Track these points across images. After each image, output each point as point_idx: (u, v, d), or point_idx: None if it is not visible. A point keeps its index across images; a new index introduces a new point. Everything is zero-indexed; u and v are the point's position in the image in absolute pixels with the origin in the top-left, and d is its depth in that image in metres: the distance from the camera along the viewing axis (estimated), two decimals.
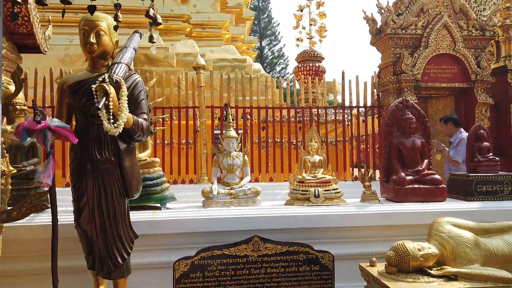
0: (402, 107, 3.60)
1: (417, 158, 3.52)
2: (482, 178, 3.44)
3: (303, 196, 3.25)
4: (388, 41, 5.62)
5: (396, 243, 2.68)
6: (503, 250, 2.67)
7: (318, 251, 2.79)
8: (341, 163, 5.66)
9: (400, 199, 3.37)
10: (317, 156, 3.46)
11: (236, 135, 3.38)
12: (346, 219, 3.12)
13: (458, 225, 2.82)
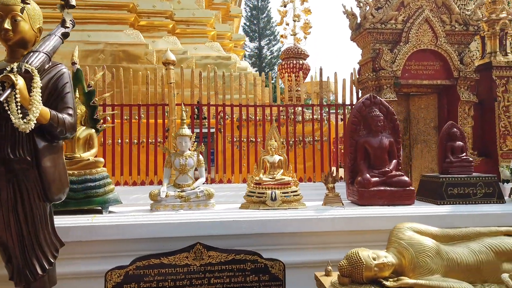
0: (370, 104, 3.38)
1: (385, 158, 3.30)
2: (453, 180, 3.22)
3: (259, 199, 3.03)
4: (367, 36, 5.38)
5: (350, 251, 2.46)
6: (467, 260, 2.45)
7: (267, 259, 2.57)
8: (318, 163, 5.43)
9: (364, 202, 3.14)
10: (276, 156, 3.23)
11: (189, 133, 3.16)
12: (303, 224, 2.90)
13: (420, 232, 2.59)
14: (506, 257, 2.49)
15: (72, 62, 3.07)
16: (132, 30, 8.37)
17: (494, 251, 2.48)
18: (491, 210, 3.09)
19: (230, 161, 5.22)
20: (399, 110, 5.70)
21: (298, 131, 5.63)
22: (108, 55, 7.91)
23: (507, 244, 2.50)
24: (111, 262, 2.52)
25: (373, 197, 3.14)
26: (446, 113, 5.58)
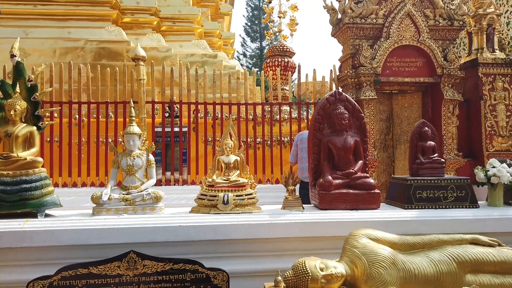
0: (334, 101, 3.15)
1: (349, 159, 3.07)
2: (422, 182, 2.99)
3: (210, 203, 2.81)
4: (347, 31, 5.17)
5: (297, 261, 2.24)
6: (425, 271, 2.22)
7: (210, 268, 2.35)
8: None
9: (325, 206, 2.92)
10: (233, 156, 3.01)
11: (138, 131, 2.94)
12: (255, 229, 2.67)
13: (377, 239, 2.37)
14: (470, 268, 2.26)
15: (11, 54, 2.86)
16: (114, 27, 8.18)
17: (457, 261, 2.26)
18: (462, 216, 2.86)
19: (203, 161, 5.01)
20: (381, 109, 5.49)
21: (276, 130, 5.43)
22: (88, 52, 7.72)
23: (471, 254, 2.28)
24: (39, 271, 2.31)
25: (334, 201, 2.91)
26: (430, 112, 5.37)
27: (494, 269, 2.27)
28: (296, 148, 4.49)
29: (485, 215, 2.88)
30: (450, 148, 5.06)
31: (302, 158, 4.41)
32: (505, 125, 5.17)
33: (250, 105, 5.20)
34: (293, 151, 4.54)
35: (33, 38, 7.75)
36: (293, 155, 4.55)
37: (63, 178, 4.64)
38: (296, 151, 4.49)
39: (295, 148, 4.52)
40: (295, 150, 4.51)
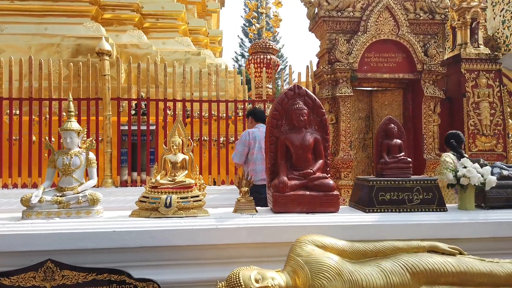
0: (293, 95, 2.92)
1: (308, 158, 2.84)
2: (385, 183, 2.75)
3: (151, 206, 2.57)
4: (323, 25, 4.93)
5: (232, 271, 2.01)
6: (374, 282, 1.99)
7: (139, 279, 2.13)
8: None
9: (279, 209, 2.68)
10: (180, 154, 2.78)
11: (77, 127, 2.71)
12: (199, 235, 2.44)
13: (324, 246, 2.14)
14: (425, 279, 2.03)
15: None
16: (92, 23, 7.96)
17: (411, 271, 2.03)
18: (427, 220, 2.63)
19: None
20: (360, 107, 5.26)
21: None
22: (64, 48, 7.49)
23: (427, 263, 2.05)
24: None
25: (289, 203, 2.68)
26: (411, 110, 5.13)
27: (452, 281, 2.05)
28: (248, 148, 4.19)
29: (453, 219, 2.64)
30: (431, 148, 4.83)
31: (257, 159, 4.17)
32: (489, 123, 4.94)
33: (222, 102, 4.98)
34: (242, 150, 4.20)
35: (8, 34, 7.53)
36: (242, 155, 4.20)
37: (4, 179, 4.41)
38: (247, 151, 4.19)
39: (244, 148, 4.18)
40: (245, 150, 4.18)
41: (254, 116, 4.35)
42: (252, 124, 4.36)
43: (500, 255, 2.52)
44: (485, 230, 2.62)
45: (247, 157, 4.19)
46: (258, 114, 4.41)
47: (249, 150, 4.19)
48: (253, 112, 4.41)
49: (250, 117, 4.42)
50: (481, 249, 2.63)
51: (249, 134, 4.22)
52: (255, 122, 4.37)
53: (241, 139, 4.18)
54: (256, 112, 4.42)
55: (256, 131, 4.30)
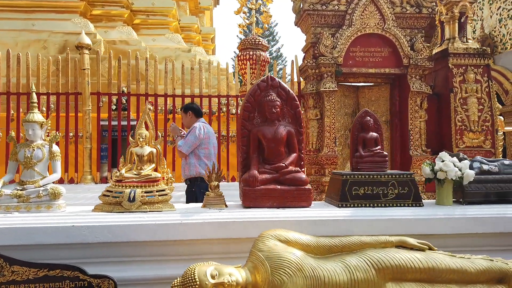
0: (266, 87, 2.82)
1: (281, 151, 2.74)
2: (359, 178, 2.66)
3: (115, 200, 2.48)
4: (307, 19, 4.84)
5: (189, 267, 1.92)
6: (337, 278, 1.89)
7: (93, 275, 2.03)
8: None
9: (249, 203, 2.59)
10: (147, 147, 2.69)
11: (39, 118, 2.62)
12: (162, 230, 2.34)
13: (287, 241, 2.05)
14: (391, 275, 1.94)
15: None
16: (81, 19, 7.87)
17: (376, 267, 1.93)
18: (401, 215, 2.53)
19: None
20: (346, 103, 5.17)
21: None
22: (51, 44, 7.41)
23: (394, 259, 1.95)
24: None
25: (259, 198, 2.58)
26: (397, 106, 5.04)
27: (420, 277, 1.95)
28: (199, 142, 4.03)
29: (428, 214, 2.55)
30: (417, 144, 4.74)
31: (210, 155, 4.09)
32: (477, 119, 4.85)
33: (204, 97, 4.88)
34: (194, 143, 4.02)
35: None
36: (191, 147, 4.01)
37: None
38: (197, 145, 4.03)
39: (196, 141, 4.02)
40: (196, 143, 4.02)
41: (194, 110, 4.21)
42: (192, 119, 4.19)
43: (477, 251, 2.43)
44: (461, 226, 2.53)
45: (199, 151, 4.06)
46: (197, 109, 4.29)
47: (201, 145, 4.07)
48: (192, 107, 4.25)
49: (189, 112, 4.24)
50: (457, 246, 2.54)
51: (203, 129, 4.11)
52: (196, 117, 4.22)
53: (195, 132, 4.04)
54: (195, 107, 4.29)
55: (209, 127, 4.24)
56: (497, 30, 13.12)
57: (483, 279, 2.01)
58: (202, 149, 4.08)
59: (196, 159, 4.07)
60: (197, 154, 4.06)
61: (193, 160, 4.04)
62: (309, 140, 4.85)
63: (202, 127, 4.11)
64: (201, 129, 4.07)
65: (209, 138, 4.13)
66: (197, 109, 4.28)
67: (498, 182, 2.78)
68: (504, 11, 12.94)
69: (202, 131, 4.07)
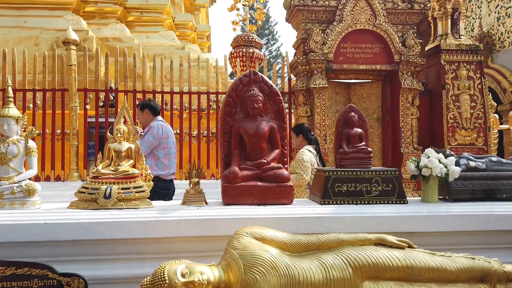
0: (248, 82, 2.76)
1: (263, 147, 2.68)
2: (342, 174, 2.60)
3: (91, 197, 2.42)
4: (298, 15, 4.78)
5: (160, 265, 1.87)
6: (313, 277, 1.83)
7: (63, 274, 1.97)
8: None
9: (229, 200, 2.54)
10: (126, 143, 2.63)
11: (15, 113, 2.55)
12: (138, 227, 2.28)
13: (263, 239, 1.99)
14: (368, 273, 1.88)
15: None
16: (73, 16, 7.81)
17: (353, 265, 1.88)
18: (384, 212, 2.47)
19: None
20: (337, 100, 5.11)
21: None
22: (43, 41, 7.34)
23: (371, 257, 1.90)
24: None
25: (239, 195, 2.52)
26: (389, 103, 4.98)
27: (398, 276, 1.90)
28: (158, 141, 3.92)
29: (412, 212, 2.49)
30: (409, 141, 4.68)
31: (170, 153, 3.98)
32: (469, 116, 4.78)
33: (194, 94, 4.83)
34: (152, 143, 3.90)
35: None
36: (149, 147, 3.89)
37: None
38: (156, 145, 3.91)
39: (155, 141, 3.91)
40: (155, 143, 3.90)
41: (151, 108, 4.05)
42: (149, 117, 4.05)
43: (461, 250, 2.37)
44: (445, 224, 2.47)
45: (158, 152, 3.94)
46: (155, 106, 4.12)
47: (160, 145, 3.95)
48: (148, 104, 4.08)
49: (146, 110, 4.07)
50: (441, 244, 2.48)
51: (162, 128, 4.00)
52: (153, 115, 4.08)
53: (153, 132, 3.92)
54: (153, 104, 4.12)
55: (167, 125, 4.11)
56: (495, 28, 13.05)
57: (464, 278, 1.95)
58: (161, 149, 3.95)
59: (155, 159, 3.94)
60: (155, 155, 3.93)
61: (151, 161, 3.92)
62: None
63: (160, 126, 3.97)
64: (159, 129, 3.95)
65: (168, 137, 4.00)
66: (154, 107, 4.11)
67: (485, 179, 2.72)
68: (503, 9, 12.86)
69: (160, 131, 3.95)
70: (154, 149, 3.93)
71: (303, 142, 3.95)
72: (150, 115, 4.05)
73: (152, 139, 3.89)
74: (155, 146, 3.93)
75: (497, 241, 2.52)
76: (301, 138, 3.95)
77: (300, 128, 4.00)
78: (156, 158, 3.96)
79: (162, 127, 4.00)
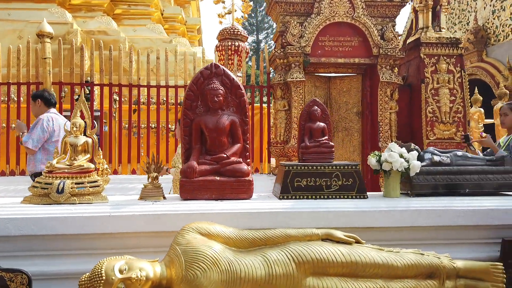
0: (209, 75, 2.72)
1: (223, 141, 2.65)
2: (301, 169, 2.57)
3: (44, 191, 2.39)
4: (276, 7, 4.73)
5: (100, 261, 1.84)
6: (255, 273, 1.81)
7: (5, 270, 1.95)
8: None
9: (186, 195, 2.51)
10: (82, 137, 2.59)
11: None
12: (90, 223, 2.26)
13: (209, 234, 1.97)
14: (312, 269, 1.86)
15: None
16: (58, 9, 7.74)
17: (296, 261, 1.85)
18: (342, 207, 2.44)
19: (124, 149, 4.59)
20: (317, 94, 5.07)
21: None
22: (27, 34, 7.25)
23: (315, 253, 1.87)
24: None
25: (197, 190, 2.50)
26: (369, 97, 4.94)
27: (342, 271, 1.87)
28: (48, 134, 3.77)
29: (371, 206, 2.46)
30: (387, 136, 4.65)
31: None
32: (448, 110, 4.74)
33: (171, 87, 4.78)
34: (42, 136, 3.74)
35: None
36: (40, 141, 3.73)
37: None
38: (46, 138, 3.76)
39: (45, 134, 3.75)
40: (45, 136, 3.74)
41: (44, 99, 3.86)
42: (41, 108, 3.86)
43: (420, 245, 2.36)
44: (404, 219, 2.44)
45: (49, 146, 3.80)
46: (48, 97, 3.92)
47: (51, 138, 3.81)
48: (41, 95, 3.88)
49: (38, 100, 3.88)
50: (400, 239, 2.46)
51: (52, 121, 3.82)
52: (46, 106, 3.89)
53: (43, 125, 3.75)
54: (46, 95, 3.92)
55: (60, 118, 3.95)
56: (490, 21, 12.95)
57: (411, 274, 1.93)
58: (52, 142, 3.80)
59: (46, 154, 3.79)
60: (46, 149, 3.78)
61: (41, 155, 3.78)
62: (278, 132, 4.76)
63: (51, 118, 3.80)
64: (49, 121, 3.77)
65: (60, 130, 3.83)
66: (47, 98, 3.91)
67: (448, 173, 2.69)
68: (498, 2, 12.76)
69: (50, 123, 3.78)
70: (45, 143, 3.77)
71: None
72: (43, 106, 3.86)
73: (40, 133, 3.72)
74: (45, 139, 3.76)
75: (456, 236, 2.49)
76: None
77: None
78: (47, 153, 3.79)
79: (53, 119, 3.81)
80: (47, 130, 3.75)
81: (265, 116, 5.22)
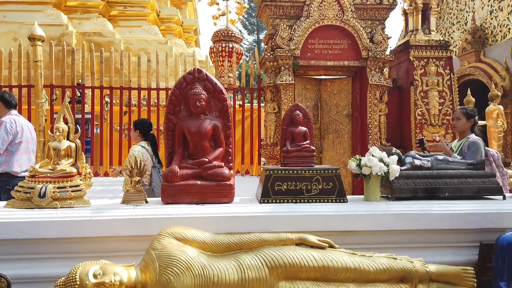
0: (192, 80, 2.74)
1: (206, 146, 2.68)
2: (282, 173, 2.60)
3: (26, 196, 2.42)
4: (266, 10, 4.76)
5: (75, 265, 1.87)
6: (228, 277, 1.85)
7: None
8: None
9: (168, 200, 2.54)
10: (65, 141, 2.62)
11: None
12: (71, 227, 2.29)
13: (184, 239, 2.00)
14: (284, 274, 1.89)
15: None
16: (53, 10, 7.78)
17: (269, 265, 1.88)
18: (322, 211, 2.47)
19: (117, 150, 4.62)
20: (308, 96, 5.10)
21: None
22: (22, 36, 7.30)
23: (288, 257, 1.90)
24: None
25: (178, 194, 2.52)
26: (358, 99, 4.97)
27: (315, 276, 1.90)
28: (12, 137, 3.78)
29: (350, 210, 2.49)
30: (376, 138, 4.67)
31: (23, 150, 3.84)
32: (437, 113, 4.77)
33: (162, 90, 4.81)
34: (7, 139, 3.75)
35: None
36: (4, 143, 3.73)
37: None
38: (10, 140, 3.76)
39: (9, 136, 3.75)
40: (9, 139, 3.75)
41: (4, 101, 3.84)
42: (1, 110, 3.83)
43: (396, 248, 2.39)
44: (383, 223, 2.47)
45: (12, 147, 3.80)
46: (8, 98, 3.89)
47: (15, 139, 3.82)
48: (1, 96, 3.86)
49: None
50: (378, 243, 2.49)
51: (15, 122, 3.82)
52: (6, 108, 3.87)
53: (6, 127, 3.74)
54: (6, 96, 3.89)
55: (22, 120, 3.97)
56: (488, 22, 12.95)
57: (383, 278, 1.96)
58: (15, 144, 3.80)
59: (9, 155, 3.79)
60: (9, 151, 3.78)
61: (4, 157, 3.77)
62: (268, 134, 4.79)
63: (13, 120, 3.80)
64: (12, 123, 3.77)
65: (23, 131, 3.85)
66: (7, 99, 3.88)
67: (428, 177, 2.71)
68: (495, 2, 12.76)
69: (13, 125, 3.78)
70: (9, 145, 3.78)
71: (138, 137, 3.94)
72: (3, 108, 3.85)
73: (4, 135, 3.73)
74: (9, 141, 3.77)
75: (434, 239, 2.52)
76: (137, 133, 3.94)
77: (138, 123, 4.01)
78: (10, 154, 3.80)
79: (15, 121, 3.82)
80: (10, 132, 3.76)
81: (256, 118, 5.24)
